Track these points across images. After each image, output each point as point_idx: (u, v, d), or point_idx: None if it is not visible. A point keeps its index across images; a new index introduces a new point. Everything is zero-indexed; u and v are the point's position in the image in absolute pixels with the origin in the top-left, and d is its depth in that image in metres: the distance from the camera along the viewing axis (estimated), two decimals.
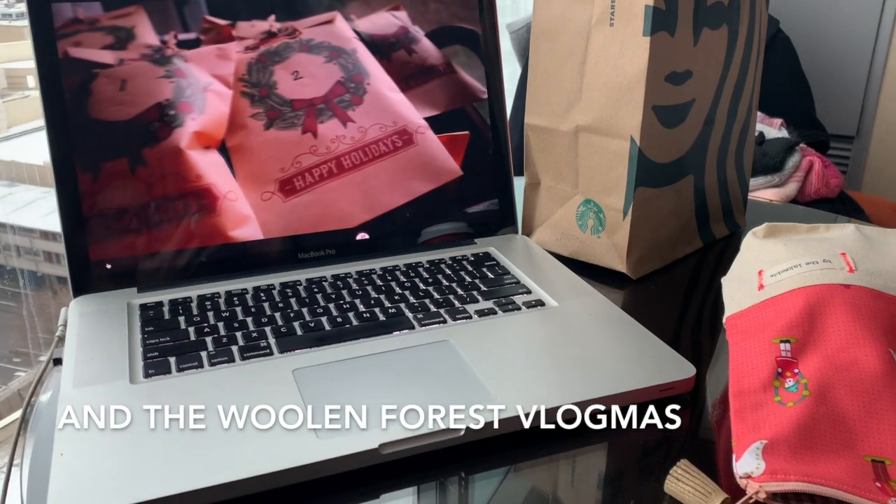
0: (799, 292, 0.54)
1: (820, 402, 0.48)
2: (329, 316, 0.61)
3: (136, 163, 0.64)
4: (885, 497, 0.43)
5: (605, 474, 0.48)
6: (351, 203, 0.69)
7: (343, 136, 0.66)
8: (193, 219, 0.65)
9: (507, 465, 0.49)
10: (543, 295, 0.65)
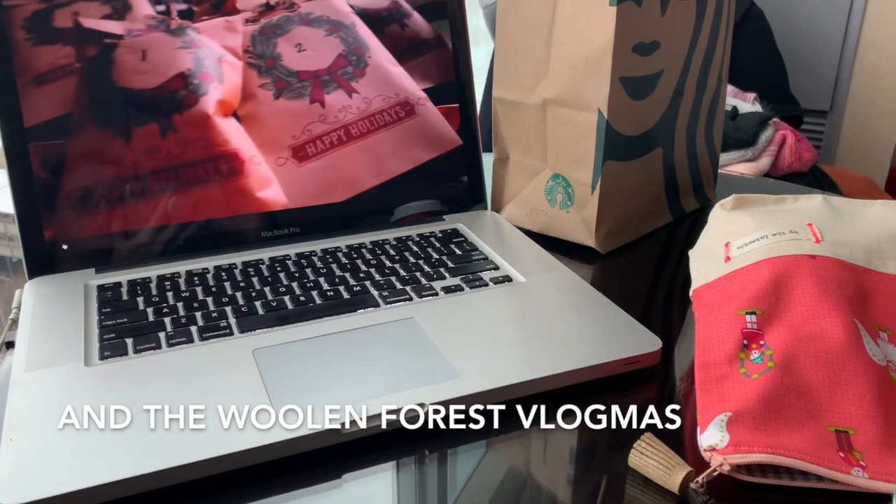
0: (765, 264, 0.53)
1: (785, 373, 0.47)
2: (292, 295, 0.60)
3: (99, 141, 0.62)
4: (848, 467, 0.43)
5: (574, 449, 0.48)
6: (361, 168, 0.70)
7: (349, 107, 0.68)
8: (171, 192, 0.65)
9: (474, 442, 0.48)
10: (511, 271, 0.65)
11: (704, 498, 0.43)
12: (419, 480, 0.45)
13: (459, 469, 0.46)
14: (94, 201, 0.63)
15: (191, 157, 0.65)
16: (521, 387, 0.50)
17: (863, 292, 0.52)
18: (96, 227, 0.63)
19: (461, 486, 0.45)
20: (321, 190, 0.68)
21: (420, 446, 0.47)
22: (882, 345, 0.50)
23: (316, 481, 0.45)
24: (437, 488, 0.45)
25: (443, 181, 0.74)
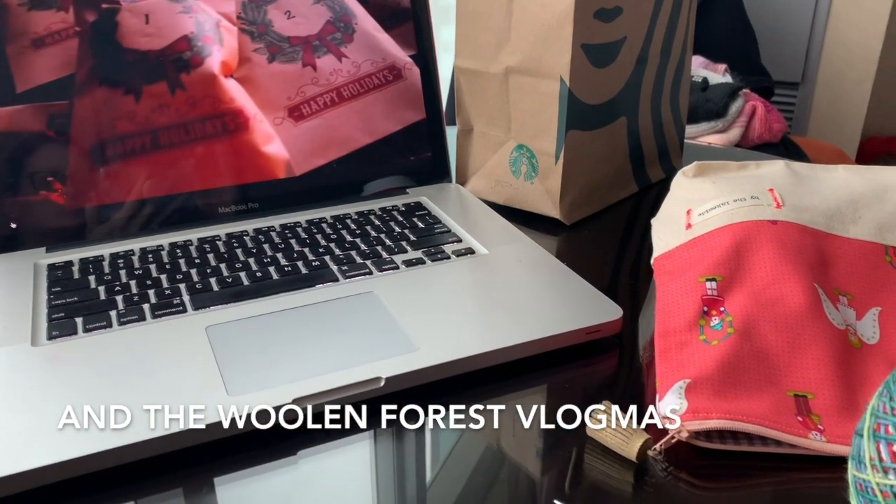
0: (726, 230, 0.53)
1: (744, 339, 0.47)
2: (248, 271, 0.58)
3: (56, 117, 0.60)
4: (806, 431, 0.43)
5: (533, 420, 0.47)
6: (353, 128, 0.71)
7: (340, 70, 0.70)
8: (132, 159, 0.64)
9: (433, 415, 0.47)
10: (474, 243, 0.64)
11: (663, 465, 0.43)
12: (375, 456, 0.44)
13: (417, 444, 0.46)
14: (42, 179, 0.61)
15: (194, 116, 0.65)
16: (481, 358, 0.49)
17: (823, 257, 0.52)
18: (47, 204, 0.61)
19: (423, 458, 0.44)
20: (318, 147, 0.70)
21: (378, 422, 0.46)
22: (842, 309, 0.50)
23: (271, 458, 0.44)
24: (393, 465, 0.44)
25: (406, 155, 0.73)
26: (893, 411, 0.35)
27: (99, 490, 0.41)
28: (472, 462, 0.44)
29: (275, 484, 0.42)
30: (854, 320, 0.50)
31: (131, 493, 0.41)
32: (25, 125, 0.61)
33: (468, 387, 0.49)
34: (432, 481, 0.43)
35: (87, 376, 0.46)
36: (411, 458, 0.44)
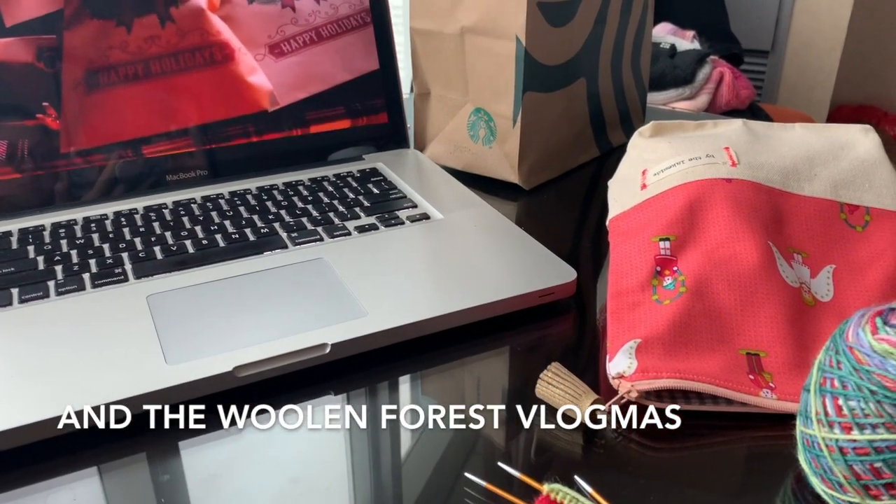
0: (680, 189, 0.52)
1: (697, 297, 0.46)
2: (194, 238, 0.57)
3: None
4: (757, 389, 0.42)
5: (484, 384, 0.46)
6: (332, 65, 0.70)
7: (318, 11, 0.70)
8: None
9: (381, 381, 0.46)
10: (429, 208, 0.62)
11: (613, 426, 0.42)
12: (331, 422, 0.43)
13: (366, 412, 0.45)
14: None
15: (184, 46, 0.64)
16: (432, 323, 0.48)
17: (778, 214, 0.51)
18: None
19: (374, 427, 0.43)
20: (298, 82, 0.69)
21: (325, 388, 0.45)
22: (796, 267, 0.50)
23: (215, 428, 0.42)
24: (347, 434, 0.43)
25: (364, 122, 0.71)
26: (839, 365, 0.34)
27: (38, 461, 0.40)
28: (416, 427, 0.43)
29: (218, 454, 0.41)
30: (808, 278, 0.49)
31: (69, 466, 0.40)
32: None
33: (420, 352, 0.48)
34: (377, 445, 0.42)
35: (19, 348, 0.44)
36: (357, 422, 0.43)
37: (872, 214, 0.53)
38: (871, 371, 0.33)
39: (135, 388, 0.41)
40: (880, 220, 0.52)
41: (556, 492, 0.34)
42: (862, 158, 0.55)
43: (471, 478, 0.38)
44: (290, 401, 0.44)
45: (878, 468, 0.33)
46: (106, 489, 0.39)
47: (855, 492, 0.34)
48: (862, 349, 0.34)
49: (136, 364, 0.43)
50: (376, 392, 0.46)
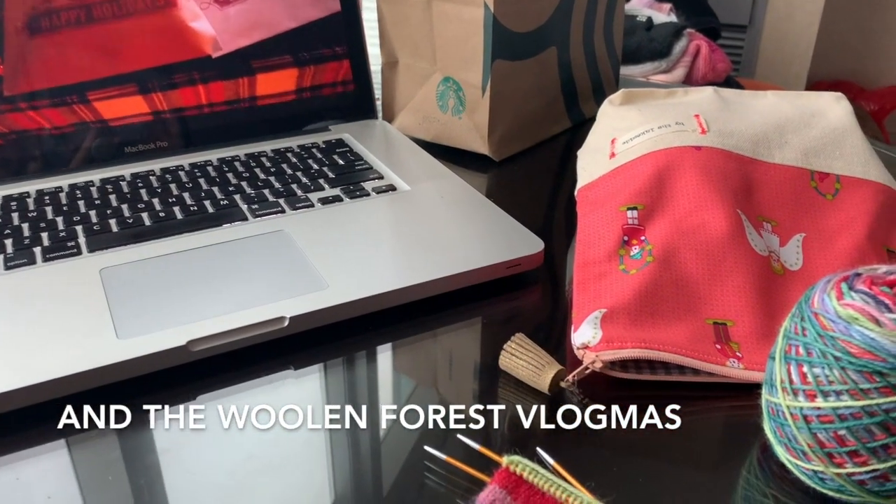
0: (649, 157, 0.51)
1: (664, 267, 0.45)
2: (151, 211, 0.55)
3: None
4: (724, 358, 0.42)
5: (449, 357, 0.45)
6: (279, 13, 0.67)
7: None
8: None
9: (344, 355, 0.45)
10: (396, 180, 0.61)
11: (578, 398, 0.41)
12: (277, 400, 0.42)
13: (334, 378, 0.43)
14: None
15: None
16: (396, 295, 0.47)
17: (748, 182, 0.51)
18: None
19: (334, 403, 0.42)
20: (244, 28, 0.66)
21: (285, 363, 0.44)
22: (766, 235, 0.49)
23: (171, 402, 0.41)
24: (307, 405, 0.42)
25: (329, 90, 0.69)
26: (804, 332, 0.34)
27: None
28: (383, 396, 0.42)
29: (173, 429, 0.39)
30: (778, 247, 0.49)
31: (14, 445, 0.38)
32: None
33: (385, 325, 0.47)
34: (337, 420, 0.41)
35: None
36: (317, 398, 0.42)
37: (843, 182, 0.52)
38: (836, 337, 0.32)
39: (84, 364, 0.40)
40: (850, 189, 0.52)
41: (515, 464, 0.33)
42: (833, 126, 0.54)
43: (430, 451, 0.37)
44: (248, 376, 0.43)
45: (842, 436, 0.32)
46: (52, 467, 0.37)
47: (819, 460, 0.33)
48: (827, 315, 0.33)
49: (85, 339, 0.42)
50: (339, 367, 0.44)
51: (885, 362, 0.31)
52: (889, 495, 0.33)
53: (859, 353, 0.31)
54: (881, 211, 0.51)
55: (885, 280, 0.34)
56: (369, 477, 0.37)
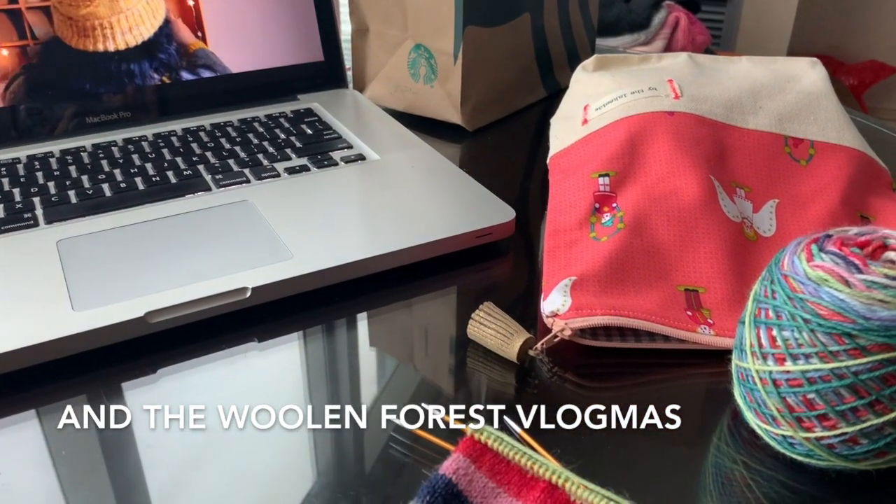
0: (621, 123, 0.50)
1: (635, 234, 0.44)
2: (112, 182, 0.53)
3: None
4: (695, 325, 0.41)
5: (418, 327, 0.44)
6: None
7: None
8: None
9: (310, 327, 0.44)
10: (365, 149, 0.59)
11: (548, 366, 0.41)
12: (245, 373, 0.41)
13: (297, 350, 0.42)
14: None
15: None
16: (363, 265, 0.46)
17: (721, 148, 0.50)
18: None
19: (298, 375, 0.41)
20: None
21: (249, 335, 0.43)
22: (738, 201, 0.48)
23: (130, 376, 0.40)
24: (265, 379, 0.41)
25: (297, 57, 0.68)
26: (774, 295, 0.33)
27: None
28: (345, 370, 0.41)
29: (132, 403, 0.38)
30: (751, 213, 0.48)
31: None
32: None
33: (353, 295, 0.46)
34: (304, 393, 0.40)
35: None
36: (282, 371, 0.41)
37: (817, 148, 0.51)
38: (805, 299, 0.31)
39: (38, 337, 0.38)
40: (825, 154, 0.51)
41: (480, 432, 0.32)
42: (808, 91, 0.54)
43: (397, 422, 0.36)
44: (210, 349, 0.42)
45: (811, 399, 0.32)
46: (6, 440, 0.36)
47: (788, 425, 0.33)
48: (797, 277, 0.32)
49: (39, 311, 0.40)
50: (304, 338, 0.43)
51: (854, 324, 0.30)
52: (858, 459, 0.32)
53: (828, 315, 0.31)
54: (855, 176, 0.50)
55: (856, 241, 0.33)
56: (334, 448, 0.36)
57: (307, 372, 0.41)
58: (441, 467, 0.31)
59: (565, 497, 0.30)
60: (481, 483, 0.31)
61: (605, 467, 0.35)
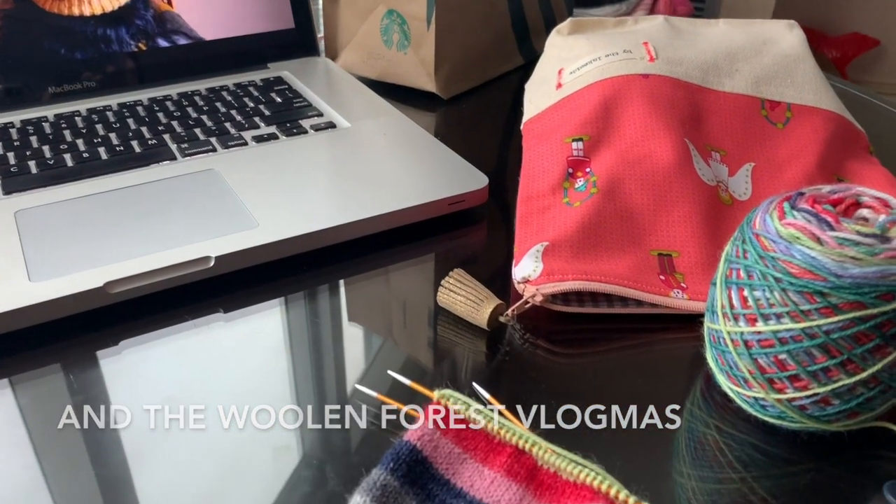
0: (595, 86, 0.49)
1: (608, 198, 0.44)
2: (75, 152, 0.52)
3: None
4: (668, 289, 0.40)
5: (389, 296, 0.43)
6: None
7: None
8: None
9: (275, 298, 0.43)
10: (336, 117, 0.58)
11: (519, 333, 0.40)
12: (210, 344, 0.40)
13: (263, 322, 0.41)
14: None
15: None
16: (331, 233, 0.45)
17: (697, 111, 0.49)
18: None
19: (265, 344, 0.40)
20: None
21: (214, 305, 0.42)
22: (714, 165, 0.47)
23: (91, 348, 0.39)
24: (230, 350, 0.40)
25: (268, 24, 0.66)
26: (745, 254, 0.32)
27: None
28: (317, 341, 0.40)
29: (94, 375, 0.37)
30: (726, 176, 0.47)
31: None
32: None
33: (323, 265, 0.45)
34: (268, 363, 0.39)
35: None
36: (248, 342, 0.40)
37: (794, 111, 0.50)
38: (777, 258, 0.31)
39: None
40: (801, 117, 0.50)
41: (446, 398, 0.31)
42: (785, 54, 0.53)
43: (361, 389, 0.36)
44: (174, 320, 0.41)
45: (783, 360, 0.31)
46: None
47: (760, 386, 0.32)
48: (768, 235, 0.31)
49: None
50: (270, 308, 0.42)
51: (825, 282, 0.29)
52: (830, 420, 0.32)
53: (800, 274, 0.30)
54: (832, 139, 0.50)
55: (829, 199, 0.32)
56: (298, 418, 0.35)
57: (274, 343, 0.40)
58: (406, 434, 0.30)
59: (532, 462, 0.30)
60: (447, 449, 0.30)
61: (574, 435, 0.34)
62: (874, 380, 0.30)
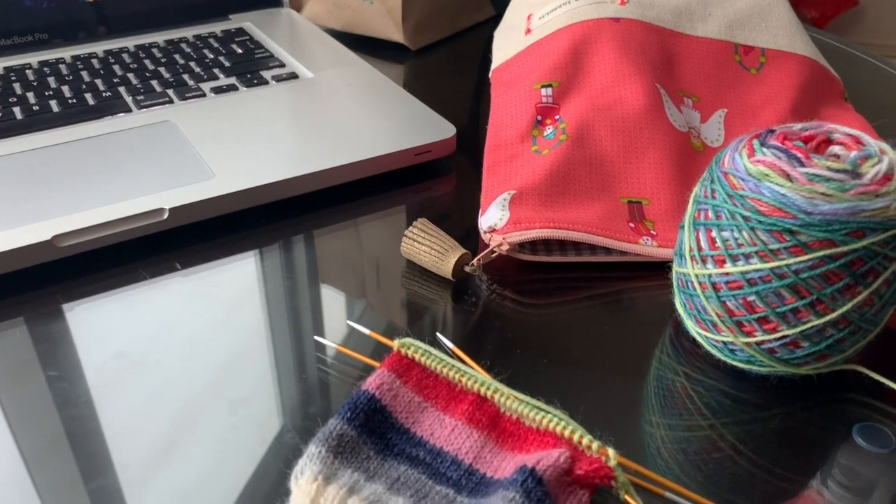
0: (565, 31, 0.47)
1: (577, 145, 0.42)
2: (24, 105, 0.49)
3: None
4: (637, 236, 0.39)
5: (353, 248, 0.42)
6: None
7: None
8: None
9: (235, 254, 0.41)
10: (299, 67, 0.56)
11: (486, 283, 0.39)
12: (166, 299, 0.38)
13: (221, 275, 0.40)
14: None
15: None
16: (289, 185, 0.43)
17: (669, 56, 0.47)
18: None
19: (219, 298, 0.39)
20: None
21: (169, 259, 0.40)
22: (686, 111, 0.46)
23: (40, 304, 0.37)
24: (187, 305, 0.38)
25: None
26: (713, 194, 0.31)
27: None
28: (287, 292, 0.39)
29: (45, 332, 0.36)
30: (698, 123, 0.46)
31: None
32: None
33: (283, 217, 0.44)
34: (221, 317, 0.37)
35: None
36: (205, 296, 0.39)
37: (768, 56, 0.49)
38: (746, 196, 0.30)
39: None
40: (775, 62, 0.49)
41: (406, 346, 0.30)
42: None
43: (320, 341, 0.35)
44: (127, 275, 0.39)
45: (752, 302, 0.30)
46: None
47: (728, 330, 0.32)
48: (737, 174, 0.30)
49: None
50: (230, 262, 0.41)
51: (795, 219, 0.28)
52: (799, 363, 0.31)
53: (769, 212, 0.29)
54: (807, 84, 0.48)
55: (800, 136, 0.31)
56: (256, 370, 0.34)
57: (232, 297, 0.38)
58: (364, 383, 0.29)
59: (494, 409, 0.29)
60: (406, 398, 0.29)
61: (542, 384, 0.33)
62: (844, 320, 0.30)
